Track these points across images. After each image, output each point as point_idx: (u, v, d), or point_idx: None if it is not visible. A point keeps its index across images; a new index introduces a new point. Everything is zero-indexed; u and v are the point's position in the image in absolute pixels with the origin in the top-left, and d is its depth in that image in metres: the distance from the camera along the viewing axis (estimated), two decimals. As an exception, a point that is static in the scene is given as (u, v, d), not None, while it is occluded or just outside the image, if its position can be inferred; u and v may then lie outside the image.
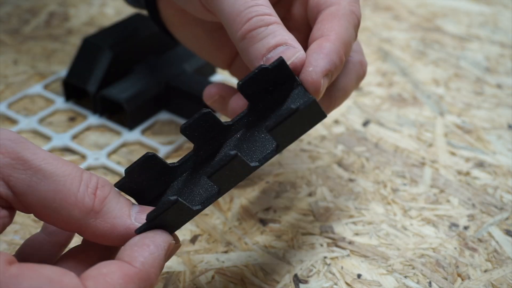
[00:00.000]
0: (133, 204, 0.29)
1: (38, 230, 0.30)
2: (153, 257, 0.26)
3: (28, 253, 0.29)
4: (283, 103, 0.31)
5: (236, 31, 0.32)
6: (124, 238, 0.27)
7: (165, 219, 0.27)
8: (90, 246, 0.29)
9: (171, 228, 0.28)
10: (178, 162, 0.30)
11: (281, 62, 0.30)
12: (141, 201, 0.30)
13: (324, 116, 0.29)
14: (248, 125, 0.31)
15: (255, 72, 0.30)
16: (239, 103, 0.35)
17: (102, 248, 0.29)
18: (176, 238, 0.29)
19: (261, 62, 0.31)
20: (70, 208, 0.26)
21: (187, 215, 0.28)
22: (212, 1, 0.33)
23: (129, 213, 0.28)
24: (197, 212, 0.28)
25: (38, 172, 0.26)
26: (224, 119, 0.32)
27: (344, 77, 0.35)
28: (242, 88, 0.30)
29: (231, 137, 0.31)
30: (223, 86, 0.38)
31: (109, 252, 0.29)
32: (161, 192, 0.30)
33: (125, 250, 0.26)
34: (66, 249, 0.30)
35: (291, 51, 0.31)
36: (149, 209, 0.28)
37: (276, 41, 0.31)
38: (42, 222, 0.32)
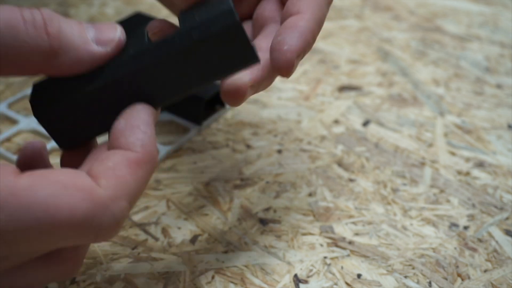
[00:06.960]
0: (84, 24, 0.27)
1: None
2: (148, 136, 0.25)
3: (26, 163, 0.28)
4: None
5: None
6: (92, 64, 0.26)
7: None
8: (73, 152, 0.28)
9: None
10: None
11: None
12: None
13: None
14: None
15: None
16: None
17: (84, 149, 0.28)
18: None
19: None
20: (28, 56, 0.25)
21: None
22: None
23: (88, 39, 0.26)
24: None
25: None
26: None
27: None
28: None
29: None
30: (166, 22, 0.37)
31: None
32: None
33: (118, 138, 0.25)
34: None
35: None
36: (104, 26, 0.27)
37: None
38: None
